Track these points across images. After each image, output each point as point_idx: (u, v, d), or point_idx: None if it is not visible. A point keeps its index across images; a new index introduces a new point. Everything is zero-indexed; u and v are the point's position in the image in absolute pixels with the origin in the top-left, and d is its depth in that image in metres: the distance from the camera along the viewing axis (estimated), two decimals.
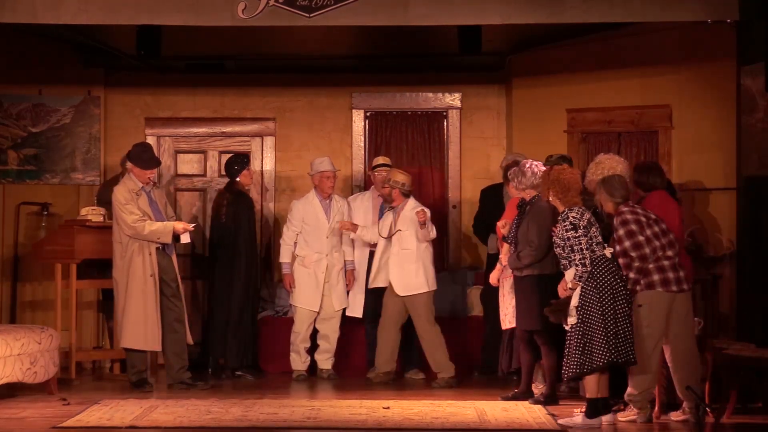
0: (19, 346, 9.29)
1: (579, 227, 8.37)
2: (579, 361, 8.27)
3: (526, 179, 9.40)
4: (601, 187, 8.60)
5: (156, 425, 8.30)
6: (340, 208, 10.85)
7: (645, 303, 8.44)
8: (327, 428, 8.31)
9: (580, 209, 8.47)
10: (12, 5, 9.48)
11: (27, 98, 11.82)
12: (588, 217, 8.43)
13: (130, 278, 9.88)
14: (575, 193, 8.54)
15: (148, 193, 10.07)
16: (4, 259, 11.71)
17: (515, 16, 9.49)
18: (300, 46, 11.36)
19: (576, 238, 8.36)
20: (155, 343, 9.95)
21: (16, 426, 8.30)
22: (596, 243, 8.37)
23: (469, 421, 8.53)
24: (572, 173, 8.65)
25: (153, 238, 9.88)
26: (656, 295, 8.44)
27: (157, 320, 9.91)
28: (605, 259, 8.34)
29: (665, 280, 8.45)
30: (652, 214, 8.57)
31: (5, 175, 11.80)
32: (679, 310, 8.50)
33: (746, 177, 9.71)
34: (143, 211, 9.91)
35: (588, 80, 11.18)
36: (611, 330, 8.21)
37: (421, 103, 12.22)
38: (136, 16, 9.58)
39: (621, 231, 8.43)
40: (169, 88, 12.17)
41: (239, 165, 10.86)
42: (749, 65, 9.57)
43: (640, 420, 8.47)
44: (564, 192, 8.52)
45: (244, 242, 10.82)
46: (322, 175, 10.83)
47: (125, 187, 10.01)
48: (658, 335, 8.44)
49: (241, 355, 10.80)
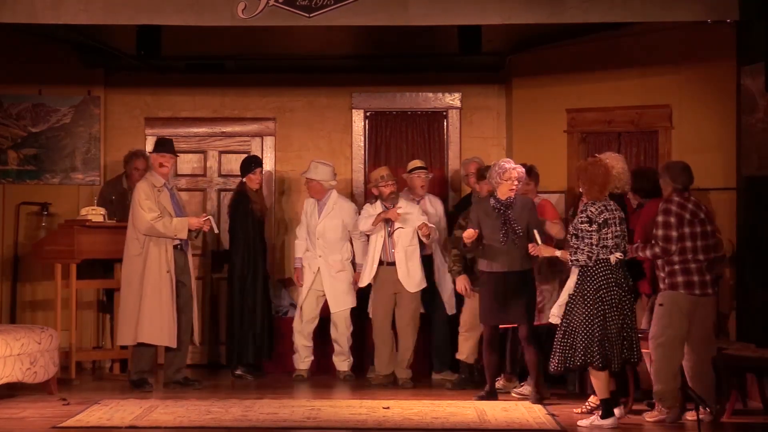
0: (19, 346, 9.30)
1: (594, 222, 8.35)
2: (561, 358, 8.36)
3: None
4: (665, 172, 8.61)
5: (156, 425, 8.30)
6: (333, 207, 10.86)
7: (665, 302, 8.44)
8: (327, 428, 8.31)
9: (602, 205, 8.42)
10: (12, 5, 9.47)
11: (27, 98, 11.82)
12: (607, 216, 8.37)
13: (146, 273, 9.92)
14: (600, 188, 8.49)
15: (170, 189, 10.13)
16: (4, 259, 11.70)
17: (515, 16, 9.48)
18: (300, 46, 11.36)
19: (588, 232, 8.35)
20: (171, 339, 9.96)
21: (16, 426, 8.31)
22: (603, 245, 8.35)
23: (469, 421, 8.54)
24: (601, 166, 8.59)
25: (170, 234, 9.93)
26: (678, 296, 8.43)
27: (172, 316, 9.93)
28: (606, 263, 8.33)
29: (689, 283, 8.44)
30: (702, 212, 8.55)
31: (5, 175, 11.80)
32: (701, 313, 8.50)
33: (746, 177, 9.71)
34: (163, 208, 9.96)
35: (588, 80, 11.18)
36: (596, 334, 8.23)
37: (421, 103, 12.21)
38: (136, 16, 9.57)
39: (660, 218, 8.46)
40: (169, 88, 12.16)
41: (246, 167, 11.01)
42: (749, 65, 9.57)
43: (669, 420, 8.45)
44: (590, 185, 8.49)
45: (239, 241, 10.87)
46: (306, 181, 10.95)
47: (147, 183, 10.09)
48: (680, 335, 8.43)
49: (237, 353, 10.83)
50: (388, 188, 10.57)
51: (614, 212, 8.43)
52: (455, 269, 10.27)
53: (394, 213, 10.47)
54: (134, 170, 11.30)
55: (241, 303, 10.83)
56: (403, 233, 10.50)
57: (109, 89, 12.06)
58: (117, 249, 10.71)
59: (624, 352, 8.32)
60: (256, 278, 10.93)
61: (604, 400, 8.35)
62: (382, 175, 10.61)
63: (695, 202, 8.59)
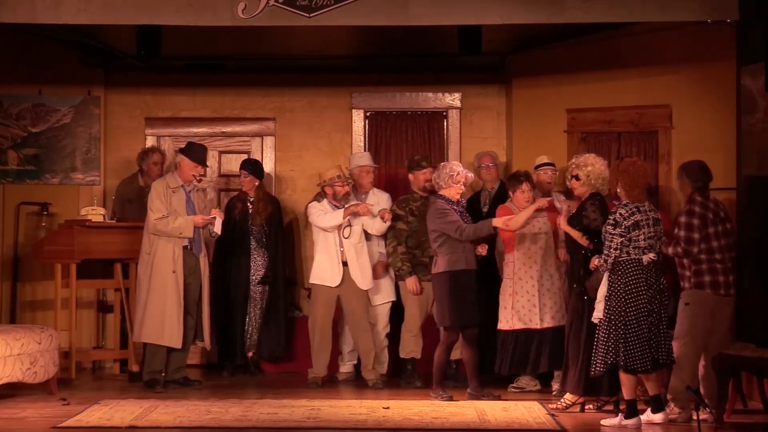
0: (19, 346, 9.29)
1: (620, 225, 8.31)
2: (604, 359, 8.29)
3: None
4: (683, 172, 8.59)
5: (156, 425, 8.30)
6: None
7: (691, 301, 8.43)
8: (327, 428, 8.31)
9: (634, 207, 8.35)
10: (12, 5, 9.47)
11: (27, 98, 11.81)
12: (638, 218, 8.30)
13: (153, 273, 9.94)
14: (642, 189, 8.41)
15: (187, 192, 10.12)
16: (4, 259, 11.70)
17: (515, 16, 9.48)
18: (300, 46, 11.36)
19: (611, 234, 8.32)
20: (172, 340, 9.94)
21: (16, 426, 8.31)
22: (634, 246, 8.31)
23: (469, 421, 8.53)
24: (642, 168, 8.55)
25: (175, 234, 9.94)
26: (704, 295, 8.43)
27: (177, 316, 9.92)
28: (637, 264, 8.30)
29: (715, 283, 8.44)
30: (722, 211, 8.55)
31: (5, 175, 11.79)
32: (722, 313, 8.52)
33: (746, 177, 9.70)
34: (174, 209, 9.97)
35: (588, 80, 11.17)
36: (621, 334, 8.20)
37: (421, 103, 12.21)
38: (136, 16, 9.57)
39: (683, 218, 8.45)
40: (169, 88, 12.16)
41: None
42: (749, 65, 9.56)
43: (681, 419, 8.45)
44: (631, 186, 8.40)
45: (233, 241, 10.97)
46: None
47: (163, 182, 10.12)
48: (702, 335, 8.43)
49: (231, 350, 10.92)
50: (344, 189, 10.47)
51: (648, 213, 8.35)
52: (405, 269, 10.29)
53: (364, 207, 10.37)
54: (153, 165, 11.35)
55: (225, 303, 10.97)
56: (353, 231, 10.44)
57: (109, 89, 12.06)
58: (117, 249, 10.75)
59: (651, 352, 8.25)
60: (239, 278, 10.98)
61: (630, 401, 8.31)
62: (338, 175, 10.47)
63: (715, 201, 8.62)
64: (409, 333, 10.35)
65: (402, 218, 10.39)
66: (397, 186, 11.60)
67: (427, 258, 10.23)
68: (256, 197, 11.10)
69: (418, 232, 10.30)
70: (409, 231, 10.39)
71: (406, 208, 10.45)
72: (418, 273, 10.33)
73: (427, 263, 10.16)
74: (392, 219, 10.34)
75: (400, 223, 10.38)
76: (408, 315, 10.37)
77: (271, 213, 11.15)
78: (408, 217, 10.41)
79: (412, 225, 10.38)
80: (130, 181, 11.53)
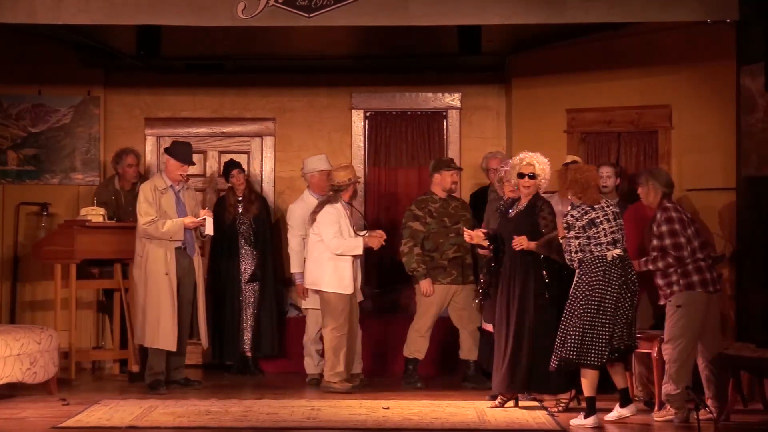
0: (18, 346, 9.29)
1: (573, 227, 8.36)
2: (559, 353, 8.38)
3: None
4: (651, 178, 8.61)
5: (156, 425, 8.30)
6: None
7: (684, 303, 8.45)
8: (327, 428, 8.31)
9: (587, 207, 8.40)
10: (12, 5, 9.47)
11: (27, 98, 11.82)
12: (593, 216, 8.36)
13: (147, 276, 9.93)
14: (594, 190, 8.44)
15: (177, 192, 10.10)
16: (4, 259, 11.70)
17: (515, 16, 9.49)
18: (300, 46, 11.36)
19: (567, 239, 8.39)
20: (168, 343, 9.92)
21: (16, 426, 8.31)
22: (596, 244, 8.35)
23: (469, 421, 8.54)
24: (589, 170, 8.57)
25: (166, 237, 9.92)
26: (696, 295, 8.45)
27: (172, 319, 9.90)
28: (601, 260, 8.33)
29: (704, 281, 8.47)
30: (688, 214, 8.62)
31: (5, 175, 11.79)
32: (713, 310, 8.55)
33: (746, 177, 9.71)
34: (164, 212, 9.94)
35: (588, 80, 11.18)
36: (586, 331, 8.24)
37: (421, 103, 12.21)
38: (136, 16, 9.58)
39: (664, 228, 8.45)
40: (169, 88, 12.16)
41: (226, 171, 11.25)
42: (749, 65, 9.57)
43: (677, 420, 8.46)
44: (584, 190, 8.43)
45: (224, 240, 11.03)
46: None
47: (152, 184, 10.08)
48: (696, 335, 8.45)
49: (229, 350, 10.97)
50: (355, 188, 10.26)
51: (604, 209, 8.40)
52: (421, 271, 10.16)
53: (378, 241, 10.06)
54: (127, 167, 11.29)
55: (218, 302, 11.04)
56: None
57: (109, 89, 12.06)
58: (117, 249, 10.73)
59: (610, 344, 8.29)
60: (229, 277, 11.02)
61: (589, 398, 8.36)
62: (356, 175, 10.27)
63: (681, 204, 8.70)
64: (417, 333, 10.27)
65: (420, 219, 10.26)
66: (397, 186, 11.60)
67: (445, 261, 10.17)
68: (245, 194, 11.12)
69: (437, 234, 10.20)
70: (426, 233, 10.22)
71: (425, 209, 10.26)
72: (437, 276, 10.21)
73: (446, 266, 10.14)
74: (408, 219, 10.20)
75: (417, 224, 10.21)
76: (419, 315, 10.30)
77: (259, 211, 11.17)
78: (426, 218, 10.23)
79: (430, 227, 10.21)
80: (105, 185, 11.49)
